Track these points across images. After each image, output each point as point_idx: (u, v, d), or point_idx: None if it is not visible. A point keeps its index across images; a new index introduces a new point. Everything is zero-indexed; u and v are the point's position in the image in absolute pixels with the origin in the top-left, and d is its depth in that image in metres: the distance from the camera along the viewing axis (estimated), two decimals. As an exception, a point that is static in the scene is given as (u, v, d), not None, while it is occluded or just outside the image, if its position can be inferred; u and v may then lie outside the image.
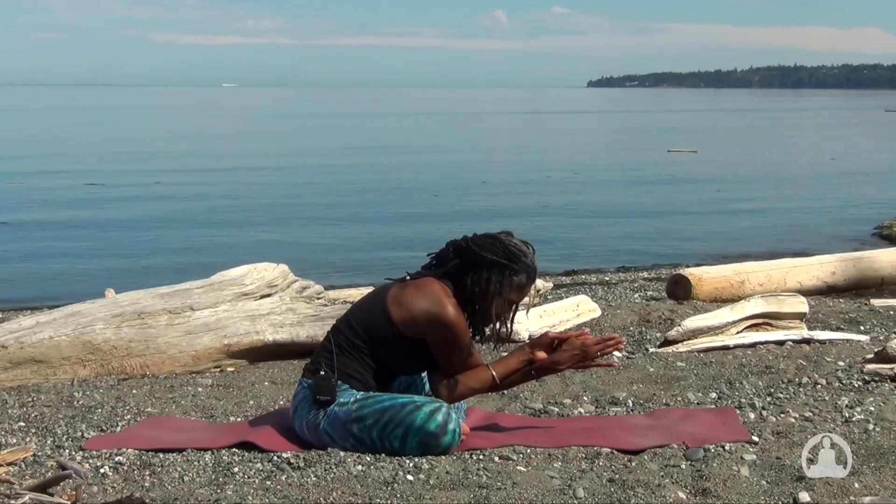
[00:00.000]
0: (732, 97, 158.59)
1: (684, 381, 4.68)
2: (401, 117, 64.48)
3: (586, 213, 16.43)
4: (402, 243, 12.96)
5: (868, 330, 6.29)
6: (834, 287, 7.98)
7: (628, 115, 70.76)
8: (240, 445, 3.67)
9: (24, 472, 3.43)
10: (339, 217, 15.85)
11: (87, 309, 5.25)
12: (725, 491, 3.14)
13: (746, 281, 7.45)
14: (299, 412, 3.69)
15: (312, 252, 12.29)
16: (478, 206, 16.81)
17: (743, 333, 5.77)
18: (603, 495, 3.11)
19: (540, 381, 4.61)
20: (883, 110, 78.65)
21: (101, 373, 5.05)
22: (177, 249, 12.79)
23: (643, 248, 13.06)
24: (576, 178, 22.24)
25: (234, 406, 4.43)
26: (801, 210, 16.98)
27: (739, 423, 3.88)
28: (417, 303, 3.62)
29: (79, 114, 67.20)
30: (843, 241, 12.69)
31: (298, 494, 3.12)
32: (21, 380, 4.87)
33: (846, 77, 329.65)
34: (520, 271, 3.69)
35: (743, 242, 13.15)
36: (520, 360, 3.76)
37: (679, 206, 17.45)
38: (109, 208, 16.58)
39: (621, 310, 6.73)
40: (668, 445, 3.60)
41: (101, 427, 4.04)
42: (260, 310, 5.61)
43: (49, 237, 13.69)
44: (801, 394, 4.34)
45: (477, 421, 3.98)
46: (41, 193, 18.48)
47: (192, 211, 16.36)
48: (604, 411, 4.24)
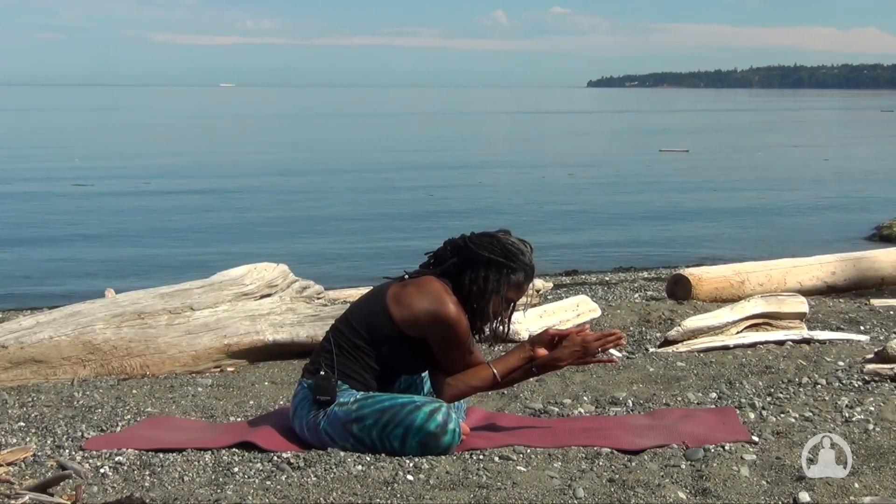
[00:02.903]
0: (732, 97, 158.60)
1: (684, 381, 4.68)
2: (399, 117, 64.45)
3: (583, 213, 16.43)
4: (402, 242, 12.96)
5: (868, 330, 6.28)
6: (834, 287, 7.97)
7: (625, 116, 70.72)
8: (240, 445, 3.67)
9: (24, 472, 3.43)
10: (338, 217, 15.86)
11: (87, 309, 5.25)
12: (725, 491, 3.14)
13: (746, 281, 7.45)
14: (299, 412, 3.69)
15: (312, 252, 12.29)
16: (475, 207, 16.82)
17: (743, 333, 5.77)
18: (603, 495, 3.11)
19: (540, 381, 4.61)
20: (879, 110, 78.68)
21: (101, 373, 5.05)
22: (176, 249, 12.79)
23: (643, 248, 13.07)
24: (570, 178, 22.23)
25: (234, 406, 4.43)
26: (800, 210, 16.98)
27: (739, 423, 3.88)
28: (418, 301, 3.61)
29: (78, 114, 67.18)
30: (843, 241, 12.68)
31: (298, 494, 3.12)
32: (21, 380, 4.87)
33: (846, 77, 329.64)
34: (518, 270, 3.69)
35: (742, 242, 13.15)
36: (520, 358, 3.76)
37: (674, 206, 17.44)
38: (108, 208, 16.58)
39: (621, 310, 6.73)
40: (668, 445, 3.60)
41: (101, 427, 4.04)
42: (260, 310, 5.61)
43: (49, 237, 13.69)
44: (801, 394, 4.34)
45: (477, 421, 3.97)
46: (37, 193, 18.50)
47: (191, 211, 16.36)
48: (604, 411, 4.23)
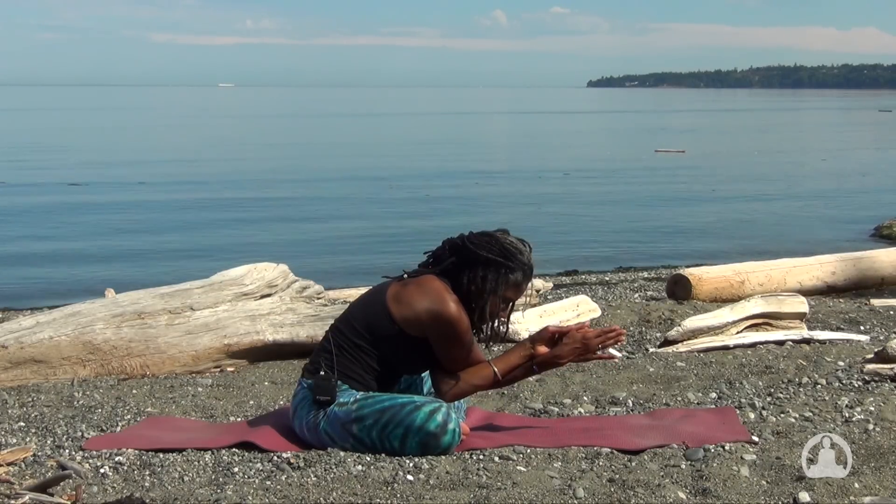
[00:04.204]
0: (732, 97, 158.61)
1: (684, 381, 4.67)
2: (398, 117, 64.45)
3: (580, 213, 16.42)
4: (401, 243, 12.96)
5: (868, 330, 6.28)
6: (834, 287, 7.98)
7: (624, 116, 70.69)
8: (240, 445, 3.67)
9: (24, 472, 3.43)
10: (338, 217, 15.85)
11: (87, 309, 5.25)
12: (725, 491, 3.14)
13: (746, 281, 7.45)
14: (299, 412, 3.69)
15: (312, 252, 12.29)
16: (472, 206, 16.82)
17: (743, 333, 5.77)
18: (603, 495, 3.11)
19: (540, 381, 4.61)
20: (876, 110, 78.69)
21: (101, 373, 5.05)
22: (177, 249, 12.79)
23: (643, 248, 13.06)
24: (566, 178, 22.23)
25: (234, 406, 4.43)
26: (799, 210, 16.97)
27: (739, 423, 3.88)
28: (419, 300, 3.61)
29: (77, 114, 67.15)
30: (843, 241, 12.68)
31: (298, 494, 3.12)
32: (21, 380, 4.87)
33: (846, 77, 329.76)
34: (516, 269, 3.69)
35: (742, 242, 13.14)
36: (521, 356, 3.76)
37: (674, 206, 17.44)
38: (106, 208, 16.57)
39: (621, 310, 6.74)
40: (668, 445, 3.59)
41: (101, 427, 4.04)
42: (260, 310, 5.61)
43: (48, 238, 13.69)
44: (801, 394, 4.34)
45: (477, 421, 3.97)
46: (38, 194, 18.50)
47: (190, 212, 16.35)
48: (604, 411, 4.23)
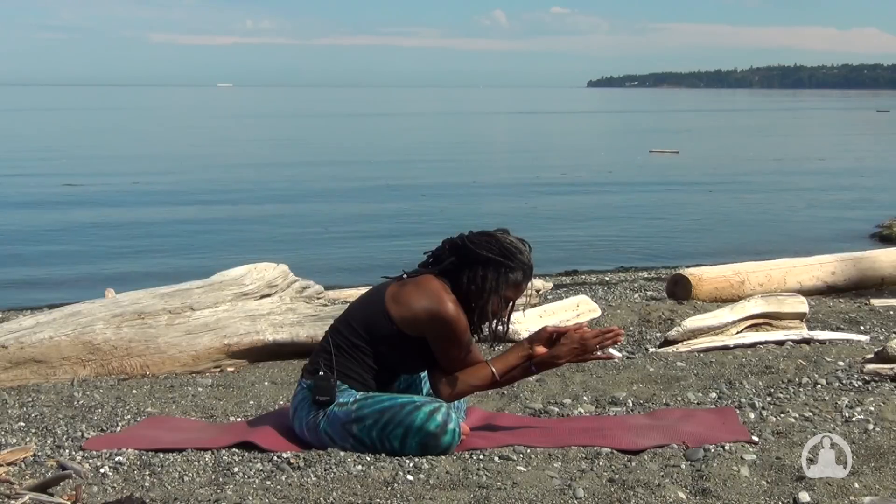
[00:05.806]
0: (731, 97, 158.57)
1: (684, 381, 4.67)
2: (398, 118, 64.40)
3: (578, 213, 16.42)
4: (401, 242, 12.96)
5: (868, 330, 6.28)
6: (834, 287, 7.97)
7: (622, 116, 70.69)
8: (240, 445, 3.67)
9: (24, 472, 3.43)
10: (338, 216, 15.84)
11: (87, 309, 5.25)
12: (725, 491, 3.14)
13: (746, 281, 7.45)
14: (299, 413, 3.69)
15: (312, 252, 12.29)
16: (470, 206, 16.83)
17: (743, 333, 5.77)
18: (603, 495, 3.11)
19: (540, 381, 4.61)
20: (874, 110, 78.70)
21: (101, 373, 5.05)
22: (176, 249, 12.78)
23: (643, 248, 13.06)
24: (562, 178, 22.23)
25: (234, 406, 4.43)
26: (799, 210, 16.97)
27: (739, 423, 3.88)
28: (418, 300, 3.61)
29: (76, 114, 67.16)
30: (842, 241, 12.68)
31: (298, 494, 3.12)
32: (21, 380, 4.87)
33: (846, 77, 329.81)
34: (516, 269, 3.69)
35: (742, 242, 13.14)
36: (519, 356, 3.76)
37: (672, 206, 17.44)
38: (105, 208, 16.58)
39: (621, 310, 6.74)
40: (668, 445, 3.59)
41: (101, 427, 4.04)
42: (260, 310, 5.61)
43: (47, 238, 13.69)
44: (801, 394, 4.34)
45: (477, 421, 3.97)
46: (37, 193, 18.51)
47: (190, 211, 16.36)
48: (604, 411, 4.23)
